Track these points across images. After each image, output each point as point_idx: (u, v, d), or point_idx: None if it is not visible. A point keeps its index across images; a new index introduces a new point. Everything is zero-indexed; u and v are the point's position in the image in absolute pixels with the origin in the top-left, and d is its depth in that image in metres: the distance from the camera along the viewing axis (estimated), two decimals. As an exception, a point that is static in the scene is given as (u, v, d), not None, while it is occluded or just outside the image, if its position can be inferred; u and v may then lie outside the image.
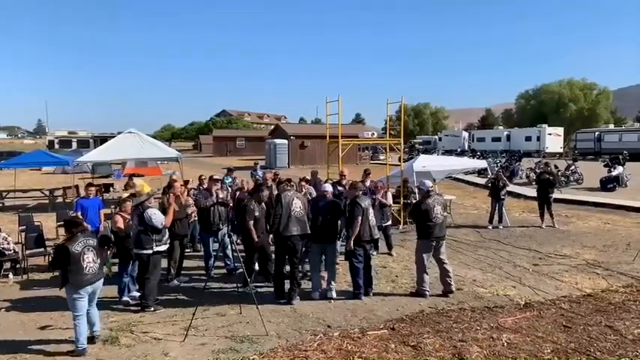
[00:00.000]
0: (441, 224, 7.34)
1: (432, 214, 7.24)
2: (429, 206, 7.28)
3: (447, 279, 7.35)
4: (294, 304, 6.93)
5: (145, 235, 6.79)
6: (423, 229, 7.32)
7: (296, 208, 7.04)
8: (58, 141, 46.49)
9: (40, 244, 9.23)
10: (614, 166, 20.25)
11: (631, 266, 8.74)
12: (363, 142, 34.67)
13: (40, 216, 12.44)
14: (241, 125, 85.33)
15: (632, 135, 39.25)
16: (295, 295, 7.07)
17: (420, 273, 7.36)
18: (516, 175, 23.84)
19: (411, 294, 7.40)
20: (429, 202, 7.32)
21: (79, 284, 5.43)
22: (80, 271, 5.42)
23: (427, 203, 7.32)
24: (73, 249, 5.43)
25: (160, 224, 6.78)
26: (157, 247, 6.85)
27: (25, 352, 5.56)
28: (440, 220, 7.32)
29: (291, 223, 6.98)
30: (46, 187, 18.90)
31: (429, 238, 7.29)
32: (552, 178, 12.79)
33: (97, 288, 5.71)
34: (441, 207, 7.41)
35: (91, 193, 9.48)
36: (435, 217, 7.26)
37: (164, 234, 6.95)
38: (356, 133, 19.26)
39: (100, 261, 5.72)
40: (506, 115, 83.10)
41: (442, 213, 7.40)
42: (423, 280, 7.29)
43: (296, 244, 7.05)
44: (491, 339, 5.59)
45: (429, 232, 7.26)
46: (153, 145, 14.90)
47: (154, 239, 6.79)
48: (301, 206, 7.13)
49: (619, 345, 5.41)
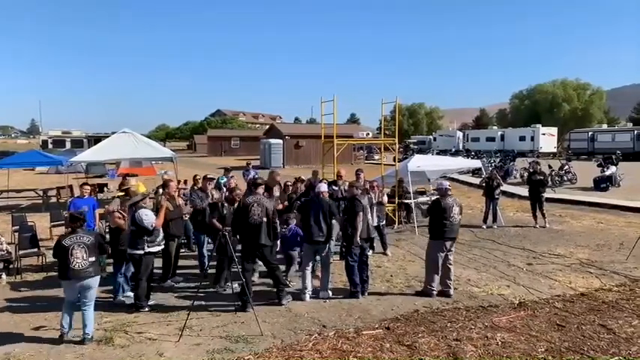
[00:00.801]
0: (456, 224, 7.35)
1: (450, 214, 7.25)
2: (447, 204, 7.29)
3: (448, 281, 7.35)
4: (284, 304, 6.88)
5: (137, 236, 6.79)
6: (438, 227, 7.30)
7: (254, 216, 6.82)
8: (51, 141, 46.18)
9: (33, 244, 9.17)
10: (607, 166, 20.37)
11: (624, 265, 8.80)
12: (358, 142, 34.77)
13: (34, 216, 12.36)
14: (236, 125, 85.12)
15: (625, 135, 39.56)
16: (284, 295, 7.00)
17: (430, 273, 7.35)
18: (510, 175, 23.93)
19: (416, 293, 7.40)
20: (449, 201, 7.34)
21: (63, 276, 5.76)
22: (66, 264, 5.67)
23: (446, 202, 7.34)
24: (64, 242, 5.75)
25: (150, 225, 6.76)
26: (150, 248, 6.82)
27: (18, 353, 5.52)
28: (456, 221, 7.33)
29: (250, 229, 6.85)
30: (40, 187, 18.81)
31: (442, 237, 7.29)
32: (543, 178, 12.86)
33: (87, 286, 5.76)
34: (458, 208, 7.40)
35: (85, 192, 9.43)
36: (452, 217, 7.26)
37: (157, 235, 6.93)
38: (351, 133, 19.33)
39: (92, 260, 5.77)
40: (501, 115, 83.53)
41: (459, 214, 7.39)
42: (433, 279, 7.30)
43: (262, 250, 6.90)
44: (485, 338, 5.62)
45: (443, 230, 7.25)
46: (147, 145, 14.86)
47: (145, 240, 6.77)
48: (260, 213, 6.83)
49: (612, 344, 5.45)
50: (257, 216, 6.82)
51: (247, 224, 6.83)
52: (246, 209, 6.86)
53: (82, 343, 5.68)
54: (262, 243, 6.84)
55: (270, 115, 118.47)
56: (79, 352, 5.54)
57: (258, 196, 7.06)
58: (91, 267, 5.74)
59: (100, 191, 17.87)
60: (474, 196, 18.07)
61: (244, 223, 6.85)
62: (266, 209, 6.91)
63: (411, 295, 7.36)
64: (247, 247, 6.95)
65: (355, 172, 10.38)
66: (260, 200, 6.98)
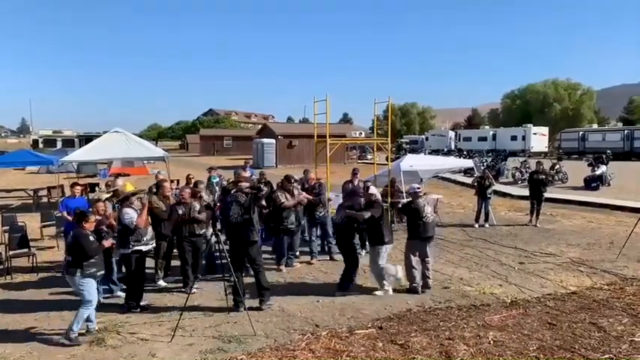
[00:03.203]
0: (430, 223, 7.57)
1: (422, 213, 7.48)
2: (419, 205, 7.54)
3: (427, 272, 7.58)
4: (263, 309, 6.69)
5: (122, 234, 6.80)
6: (414, 227, 7.54)
7: (234, 215, 6.74)
8: (42, 140, 45.80)
9: (23, 244, 9.09)
10: (597, 166, 20.52)
11: (614, 264, 8.87)
12: (351, 142, 34.85)
13: (24, 216, 12.27)
14: (228, 124, 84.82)
15: (615, 135, 39.93)
16: (266, 299, 6.82)
17: (409, 270, 7.53)
18: (502, 175, 24.06)
19: (406, 290, 7.48)
20: (419, 202, 7.58)
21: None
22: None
23: (417, 202, 7.58)
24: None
25: (131, 224, 6.74)
26: (137, 247, 6.78)
27: (9, 354, 5.48)
28: (430, 220, 7.55)
29: (230, 229, 6.85)
30: (30, 186, 18.65)
31: (418, 237, 7.52)
32: (545, 178, 12.96)
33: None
34: (431, 207, 7.68)
35: (76, 192, 9.37)
36: (426, 217, 7.49)
37: (144, 234, 6.86)
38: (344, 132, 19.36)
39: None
40: (492, 115, 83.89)
41: (432, 213, 7.67)
42: (415, 276, 7.45)
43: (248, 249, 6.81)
44: (477, 337, 5.64)
45: (419, 230, 7.48)
46: (139, 145, 14.74)
47: (130, 239, 6.75)
48: (239, 212, 6.70)
49: (603, 342, 5.49)
50: (237, 215, 6.70)
51: (228, 222, 6.82)
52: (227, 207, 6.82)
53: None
54: (250, 240, 6.76)
55: (263, 115, 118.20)
56: (70, 352, 5.50)
57: (238, 194, 6.84)
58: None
59: (91, 191, 17.72)
60: (466, 196, 18.15)
61: (226, 221, 6.87)
62: (243, 207, 6.71)
63: (404, 293, 7.39)
64: (232, 245, 6.89)
65: (352, 171, 10.43)
66: (238, 197, 6.79)
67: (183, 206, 7.64)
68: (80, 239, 5.88)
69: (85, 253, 5.84)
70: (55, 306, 6.99)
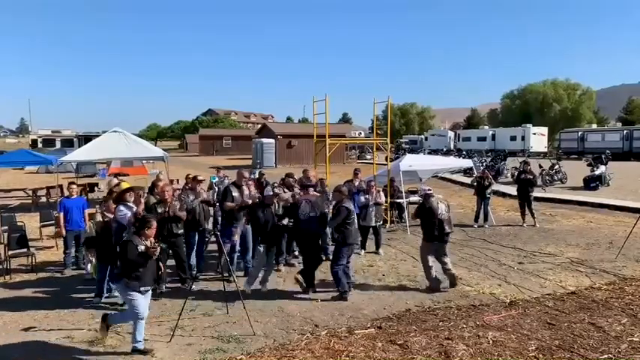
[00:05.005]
0: (446, 220, 7.56)
1: (438, 211, 7.48)
2: (432, 204, 7.53)
3: (451, 271, 7.59)
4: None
5: (119, 232, 6.79)
6: (430, 227, 7.51)
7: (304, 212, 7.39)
8: (41, 140, 45.84)
9: (23, 244, 9.07)
10: (597, 166, 20.53)
11: (613, 264, 8.87)
12: (351, 142, 34.88)
13: (23, 216, 12.27)
14: (228, 124, 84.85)
15: (614, 135, 39.96)
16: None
17: (427, 270, 7.59)
18: (501, 175, 24.04)
19: (427, 288, 7.55)
20: (432, 201, 7.58)
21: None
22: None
23: (430, 202, 7.58)
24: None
25: (125, 221, 6.76)
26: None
27: (6, 354, 5.47)
28: (446, 217, 7.55)
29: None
30: (29, 186, 18.61)
31: (436, 239, 7.50)
32: (532, 178, 12.94)
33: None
34: (445, 205, 7.65)
35: (72, 191, 9.25)
36: (441, 214, 7.49)
37: None
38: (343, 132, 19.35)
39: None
40: (492, 115, 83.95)
41: (447, 210, 7.65)
42: (432, 274, 7.53)
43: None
44: (477, 337, 5.64)
45: (435, 229, 7.45)
46: (138, 145, 14.78)
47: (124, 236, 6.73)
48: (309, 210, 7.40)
49: (602, 342, 5.49)
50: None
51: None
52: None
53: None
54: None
55: (262, 115, 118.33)
56: (68, 353, 5.49)
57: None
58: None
59: (90, 191, 17.74)
60: (465, 196, 18.15)
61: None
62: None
63: (403, 292, 7.40)
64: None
65: (353, 171, 10.45)
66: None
67: (163, 205, 7.50)
68: (126, 247, 5.42)
69: (130, 263, 5.34)
70: (53, 306, 6.97)
